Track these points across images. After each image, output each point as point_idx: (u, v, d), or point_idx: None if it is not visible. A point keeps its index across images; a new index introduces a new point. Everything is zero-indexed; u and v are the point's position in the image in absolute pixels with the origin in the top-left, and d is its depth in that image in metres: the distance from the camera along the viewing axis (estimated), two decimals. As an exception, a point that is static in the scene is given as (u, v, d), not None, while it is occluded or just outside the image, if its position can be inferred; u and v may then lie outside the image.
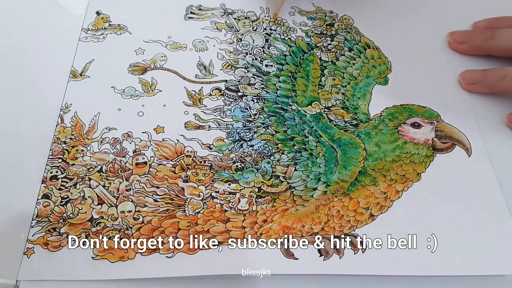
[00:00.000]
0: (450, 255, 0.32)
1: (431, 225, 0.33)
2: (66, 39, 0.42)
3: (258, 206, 0.34)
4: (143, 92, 0.39)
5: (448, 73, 0.41)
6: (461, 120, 0.38)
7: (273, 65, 0.41)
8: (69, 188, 0.34)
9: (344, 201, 0.34)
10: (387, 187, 0.35)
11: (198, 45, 0.42)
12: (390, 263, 0.31)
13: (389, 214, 0.33)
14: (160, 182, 0.34)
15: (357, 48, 0.43)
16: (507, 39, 0.40)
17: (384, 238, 0.32)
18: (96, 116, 0.37)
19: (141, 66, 0.41)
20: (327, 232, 0.32)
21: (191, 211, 0.33)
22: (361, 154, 0.36)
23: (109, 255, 0.31)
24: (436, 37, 0.44)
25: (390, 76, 0.41)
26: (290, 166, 0.36)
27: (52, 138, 0.36)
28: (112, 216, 0.33)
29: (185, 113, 0.38)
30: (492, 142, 0.37)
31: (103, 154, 0.36)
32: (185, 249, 0.32)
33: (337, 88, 0.40)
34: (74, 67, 0.40)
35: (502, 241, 0.33)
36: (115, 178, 0.34)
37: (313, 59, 0.42)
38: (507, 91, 0.39)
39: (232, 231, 0.32)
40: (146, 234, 0.32)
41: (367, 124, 0.38)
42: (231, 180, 0.35)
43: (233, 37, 0.43)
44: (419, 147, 0.37)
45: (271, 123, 0.38)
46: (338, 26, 0.44)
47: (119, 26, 0.43)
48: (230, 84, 0.40)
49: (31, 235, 0.32)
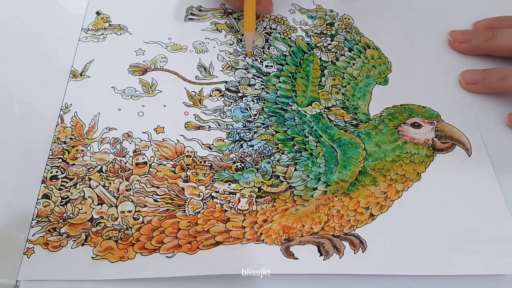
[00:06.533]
0: (450, 255, 0.32)
1: (431, 225, 0.33)
2: (66, 39, 0.42)
3: (258, 206, 0.34)
4: (143, 92, 0.39)
5: (448, 73, 0.41)
6: (461, 120, 0.38)
7: (273, 66, 0.41)
8: (69, 188, 0.34)
9: (344, 201, 0.34)
10: (387, 187, 0.35)
11: (199, 47, 0.42)
12: (390, 263, 0.31)
13: (389, 214, 0.33)
14: (160, 182, 0.34)
15: (357, 48, 0.43)
16: (507, 39, 0.40)
17: (384, 238, 0.32)
18: (96, 116, 0.37)
19: (141, 67, 0.41)
20: (327, 232, 0.32)
21: (191, 211, 0.33)
22: (361, 154, 0.36)
23: (109, 255, 0.31)
24: (436, 37, 0.44)
25: (390, 76, 0.41)
26: (290, 166, 0.36)
27: (52, 138, 0.36)
28: (112, 216, 0.33)
29: (185, 114, 0.38)
30: (492, 142, 0.37)
31: (103, 154, 0.36)
32: (185, 249, 0.32)
33: (337, 88, 0.40)
34: (74, 67, 0.40)
35: (502, 241, 0.33)
36: (115, 178, 0.34)
37: (313, 59, 0.42)
38: (507, 91, 0.39)
39: (232, 231, 0.32)
40: (146, 234, 0.32)
41: (367, 124, 0.38)
42: (231, 180, 0.35)
43: (233, 38, 0.43)
44: (419, 147, 0.37)
45: (271, 123, 0.38)
46: (338, 26, 0.44)
47: (119, 27, 0.43)
48: (230, 85, 0.40)
49: (31, 235, 0.32)
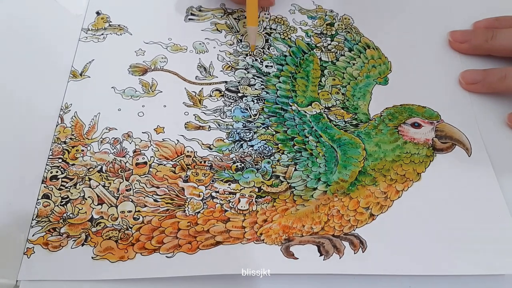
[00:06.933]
0: (450, 255, 0.32)
1: (431, 225, 0.33)
2: (66, 39, 0.42)
3: (258, 206, 0.34)
4: (144, 92, 0.39)
5: (448, 73, 0.41)
6: (461, 120, 0.38)
7: (273, 66, 0.41)
8: (69, 188, 0.34)
9: (344, 201, 0.34)
10: (387, 187, 0.35)
11: (199, 47, 0.42)
12: (390, 263, 0.31)
13: (389, 214, 0.33)
14: (160, 182, 0.34)
15: (357, 48, 0.43)
16: (507, 39, 0.40)
17: (384, 238, 0.32)
18: (96, 116, 0.37)
19: (141, 67, 0.41)
20: (327, 232, 0.32)
21: (191, 211, 0.33)
22: (361, 154, 0.36)
23: (109, 255, 0.31)
24: (436, 37, 0.44)
25: (390, 76, 0.41)
26: (290, 166, 0.36)
27: (52, 138, 0.36)
28: (112, 216, 0.33)
29: (185, 114, 0.38)
30: (492, 142, 0.37)
31: (103, 154, 0.36)
32: (185, 249, 0.32)
33: (337, 88, 0.40)
34: (74, 67, 0.40)
35: (502, 241, 0.33)
36: (115, 178, 0.34)
37: (313, 59, 0.42)
38: (507, 91, 0.39)
39: (232, 231, 0.32)
40: (146, 234, 0.32)
41: (367, 124, 0.38)
42: (231, 180, 0.35)
43: (233, 38, 0.43)
44: (419, 147, 0.37)
45: (271, 123, 0.38)
46: (338, 26, 0.44)
47: (119, 27, 0.43)
48: (230, 85, 0.40)
49: (31, 235, 0.32)
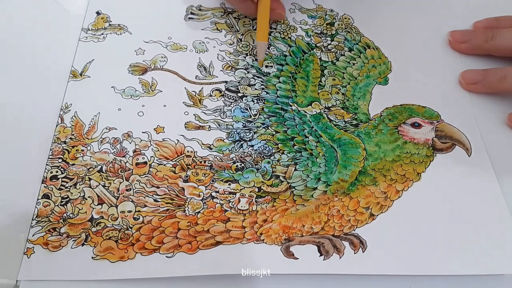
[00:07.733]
0: (450, 255, 0.32)
1: (431, 224, 0.33)
2: (66, 39, 0.42)
3: (258, 206, 0.34)
4: (143, 92, 0.39)
5: (448, 73, 0.41)
6: (461, 120, 0.38)
7: (273, 66, 0.41)
8: (69, 188, 0.34)
9: (344, 201, 0.34)
10: (387, 187, 0.35)
11: (199, 46, 0.42)
12: (390, 263, 0.31)
13: (389, 214, 0.33)
14: (160, 182, 0.34)
15: (357, 48, 0.43)
16: (507, 39, 0.40)
17: (384, 238, 0.32)
18: (96, 116, 0.37)
19: (141, 67, 0.41)
20: (327, 232, 0.32)
21: (191, 211, 0.33)
22: (361, 154, 0.36)
23: (109, 255, 0.31)
24: (436, 37, 0.44)
25: (390, 76, 0.41)
26: (290, 166, 0.36)
27: (52, 138, 0.36)
28: (112, 216, 0.33)
29: (185, 114, 0.38)
30: (492, 142, 0.37)
31: (103, 154, 0.36)
32: (185, 249, 0.32)
33: (337, 88, 0.40)
34: (74, 67, 0.40)
35: (502, 241, 0.33)
36: (115, 178, 0.34)
37: (313, 59, 0.42)
38: (507, 91, 0.39)
39: (232, 231, 0.32)
40: (146, 234, 0.32)
41: (367, 124, 0.38)
42: (231, 180, 0.35)
43: (233, 37, 0.43)
44: (419, 147, 0.37)
45: (271, 123, 0.38)
46: (338, 26, 0.44)
47: (119, 26, 0.43)
48: (230, 85, 0.40)
49: (31, 235, 0.32)
